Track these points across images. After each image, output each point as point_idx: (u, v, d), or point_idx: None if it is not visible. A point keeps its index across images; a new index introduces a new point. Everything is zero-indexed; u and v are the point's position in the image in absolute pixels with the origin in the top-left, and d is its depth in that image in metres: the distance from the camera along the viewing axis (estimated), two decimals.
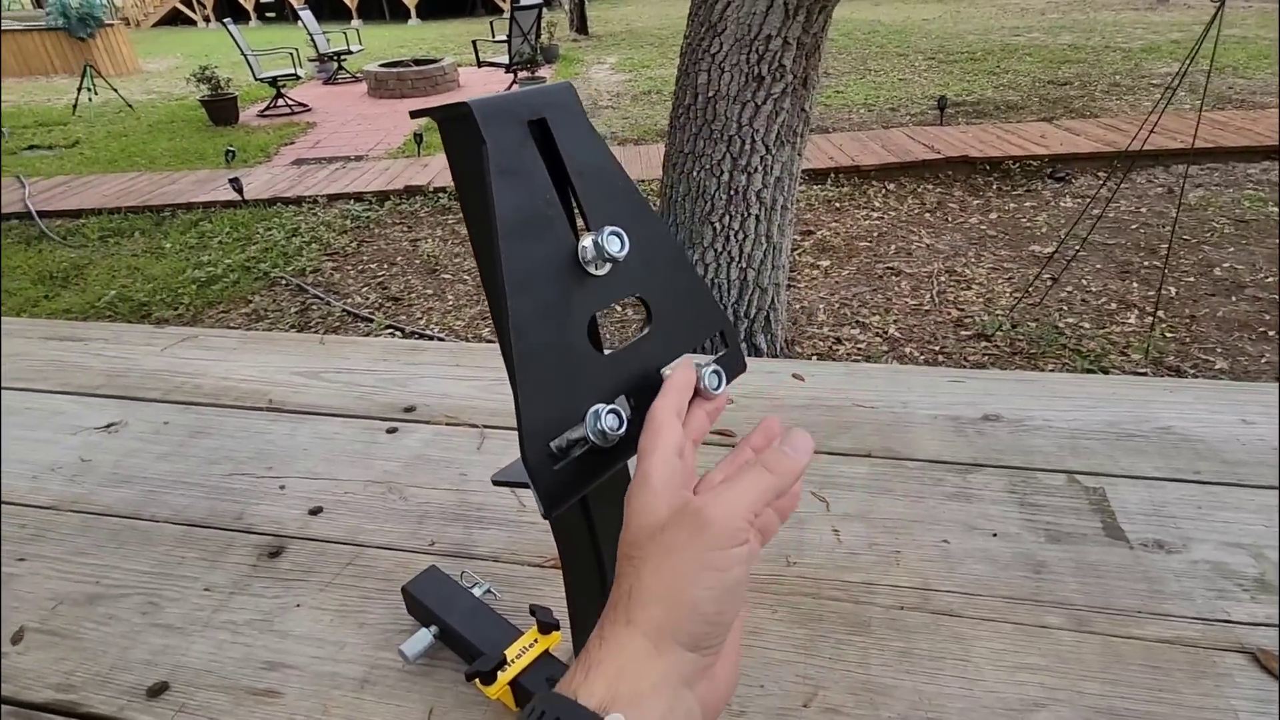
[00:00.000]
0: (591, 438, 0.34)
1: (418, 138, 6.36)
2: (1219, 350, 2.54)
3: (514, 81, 8.90)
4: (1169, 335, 2.62)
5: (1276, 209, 3.68)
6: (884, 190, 4.56)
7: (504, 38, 9.11)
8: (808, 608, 0.72)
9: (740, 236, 1.89)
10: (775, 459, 0.33)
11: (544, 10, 9.33)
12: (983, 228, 3.86)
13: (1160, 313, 2.72)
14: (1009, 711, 0.61)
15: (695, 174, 1.87)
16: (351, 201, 4.89)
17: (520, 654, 0.63)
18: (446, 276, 3.73)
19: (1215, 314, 2.72)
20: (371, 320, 3.25)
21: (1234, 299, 2.79)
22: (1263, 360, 2.42)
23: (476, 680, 0.62)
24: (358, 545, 0.84)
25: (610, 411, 0.34)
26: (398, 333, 3.16)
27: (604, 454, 0.36)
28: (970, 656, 0.66)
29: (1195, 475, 0.85)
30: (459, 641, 0.67)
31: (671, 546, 0.29)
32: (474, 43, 9.81)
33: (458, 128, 0.33)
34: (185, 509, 0.92)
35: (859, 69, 8.94)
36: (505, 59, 8.94)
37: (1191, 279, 3.04)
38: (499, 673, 0.61)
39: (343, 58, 10.80)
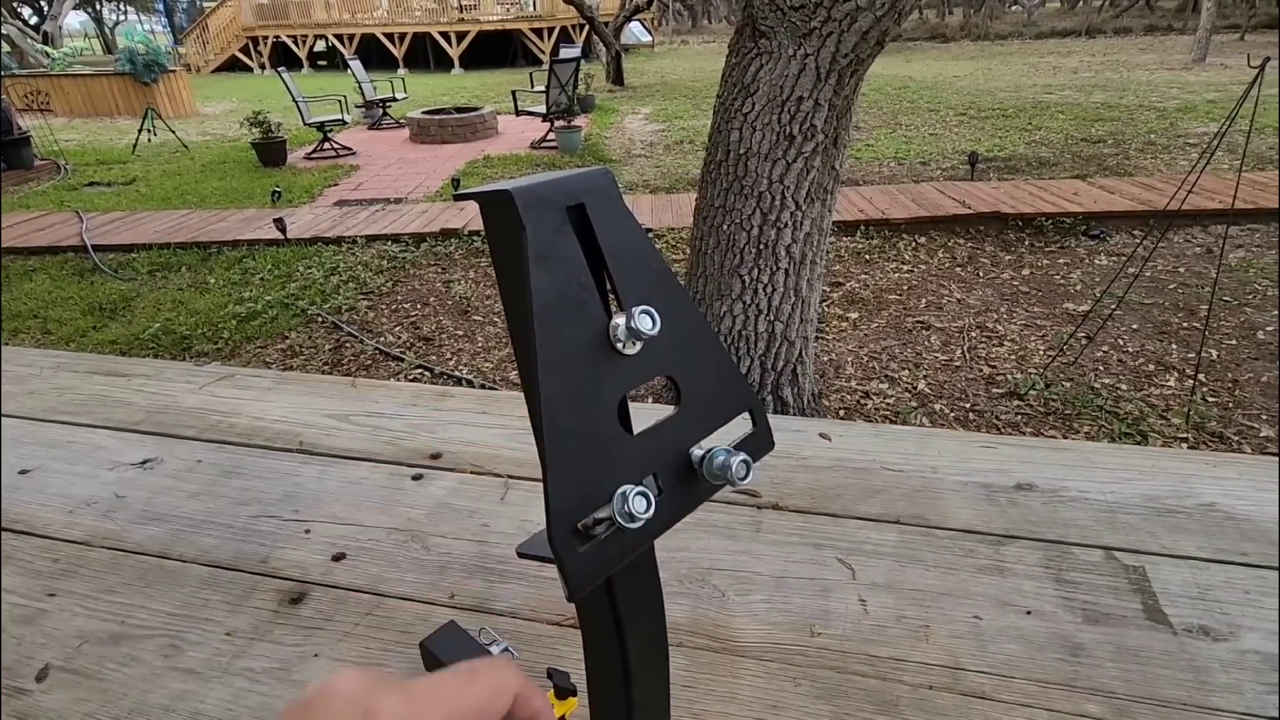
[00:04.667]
0: (619, 519, 0.33)
1: (455, 183, 6.55)
2: (1264, 417, 2.45)
3: (550, 129, 9.16)
4: (1211, 400, 2.55)
5: None
6: (914, 244, 4.56)
7: (542, 88, 9.42)
8: (833, 682, 0.70)
9: (769, 290, 1.89)
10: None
11: (581, 63, 9.64)
12: (1015, 284, 3.82)
13: (1201, 376, 2.65)
14: None
15: (725, 228, 1.89)
16: (389, 242, 5.03)
17: None
18: (477, 318, 3.79)
19: (1259, 379, 2.65)
20: (403, 360, 3.30)
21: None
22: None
23: None
24: (378, 595, 0.84)
25: (639, 493, 0.34)
26: (427, 373, 3.20)
27: (630, 535, 0.36)
28: None
29: (1242, 558, 0.82)
30: None
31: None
32: (513, 93, 10.16)
33: (498, 212, 0.34)
34: (212, 550, 0.93)
35: (890, 123, 9.04)
36: (543, 108, 9.22)
37: (1233, 342, 2.97)
38: None
39: (388, 104, 11.25)
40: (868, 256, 4.35)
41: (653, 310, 0.35)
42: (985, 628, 0.75)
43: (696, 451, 0.39)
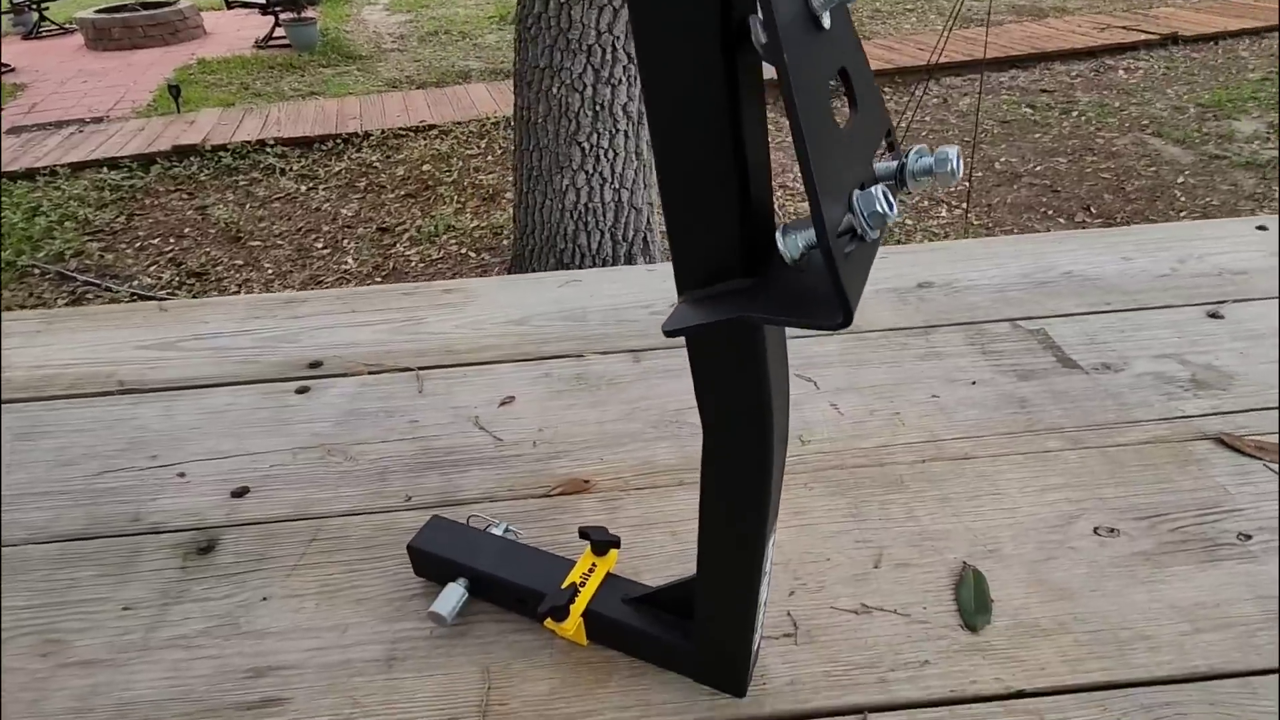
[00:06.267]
0: (865, 225, 0.27)
1: (174, 91, 5.41)
2: (1015, 230, 2.93)
3: (276, 24, 7.85)
4: (975, 223, 2.98)
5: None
6: None
7: None
8: (840, 478, 0.71)
9: (610, 155, 1.80)
10: None
11: None
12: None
13: (965, 205, 3.08)
14: (1052, 529, 0.65)
15: (555, 91, 1.74)
16: (105, 169, 4.08)
17: (583, 581, 0.56)
18: (255, 244, 3.25)
19: (1005, 201, 3.13)
20: (162, 299, 2.76)
21: (1015, 186, 3.22)
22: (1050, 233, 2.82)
23: (548, 621, 0.54)
24: (315, 518, 0.70)
25: (884, 191, 0.27)
26: None
27: (866, 249, 0.30)
28: (1000, 490, 0.69)
29: (1108, 307, 0.95)
30: (500, 588, 0.58)
31: None
32: None
33: None
34: (51, 523, 0.71)
35: None
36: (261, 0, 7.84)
37: (980, 174, 3.47)
38: (571, 606, 0.54)
39: (43, 6, 8.87)
40: None
41: None
42: (945, 402, 0.80)
43: (879, 165, 0.33)
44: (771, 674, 0.54)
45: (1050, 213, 3.08)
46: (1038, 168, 3.45)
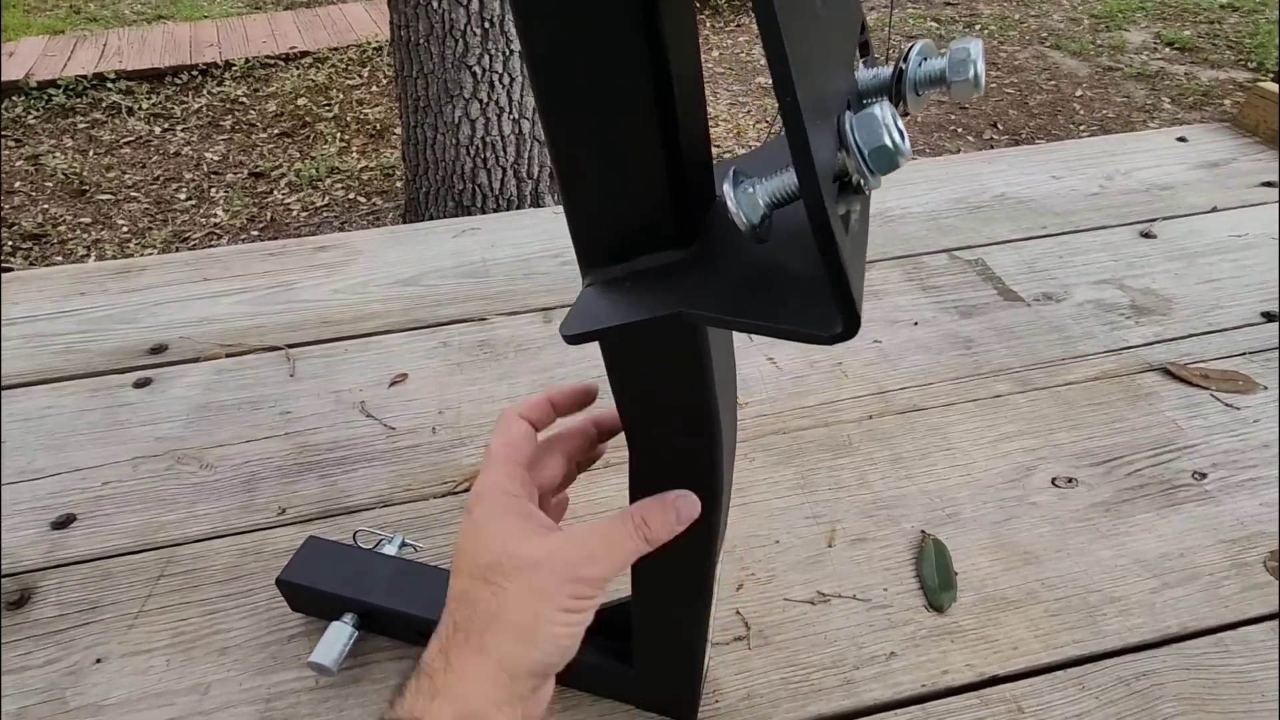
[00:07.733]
0: (868, 167, 0.17)
1: None
2: (927, 151, 2.92)
3: None
4: None
5: None
6: None
7: None
8: (783, 445, 0.64)
9: (506, 80, 1.62)
10: (658, 524, 0.30)
11: None
12: (710, 65, 3.90)
13: None
14: (1009, 483, 0.60)
15: (435, 4, 1.52)
16: None
17: None
18: (104, 197, 2.85)
19: (916, 120, 3.11)
20: (11, 269, 2.39)
21: (925, 105, 3.19)
22: (959, 153, 2.82)
23: None
24: (162, 547, 0.57)
25: (891, 115, 0.18)
26: None
27: (862, 201, 0.20)
28: (953, 444, 0.63)
29: (1044, 231, 0.90)
30: (395, 621, 0.48)
31: (541, 589, 0.29)
32: None
33: None
34: None
35: None
36: None
37: None
38: None
39: None
40: None
41: None
42: (888, 348, 0.74)
43: (861, 74, 0.23)
44: (724, 688, 0.47)
45: (960, 130, 3.08)
46: None
